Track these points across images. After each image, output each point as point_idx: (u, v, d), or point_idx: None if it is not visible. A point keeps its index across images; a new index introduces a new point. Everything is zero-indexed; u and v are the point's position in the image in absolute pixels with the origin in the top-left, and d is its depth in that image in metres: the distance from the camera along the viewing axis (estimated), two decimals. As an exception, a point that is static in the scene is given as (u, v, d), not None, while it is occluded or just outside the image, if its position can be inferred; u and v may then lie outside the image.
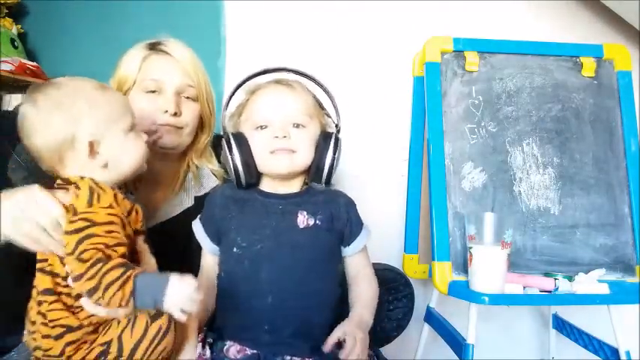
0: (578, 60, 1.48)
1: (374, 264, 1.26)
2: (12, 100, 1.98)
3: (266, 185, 0.99)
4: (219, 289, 0.95)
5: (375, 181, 1.76)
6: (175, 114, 1.08)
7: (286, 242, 0.92)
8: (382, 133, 1.76)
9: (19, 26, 2.28)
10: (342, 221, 0.98)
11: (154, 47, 1.11)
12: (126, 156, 0.85)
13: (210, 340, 0.90)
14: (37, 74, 2.10)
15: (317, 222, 0.94)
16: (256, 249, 0.91)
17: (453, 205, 1.36)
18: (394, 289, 1.24)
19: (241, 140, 0.95)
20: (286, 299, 0.89)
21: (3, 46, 2.09)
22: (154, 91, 1.08)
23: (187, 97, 1.11)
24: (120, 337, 0.77)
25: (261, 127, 0.94)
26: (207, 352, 0.88)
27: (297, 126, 0.94)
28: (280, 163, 0.93)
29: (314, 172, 0.97)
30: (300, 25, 1.74)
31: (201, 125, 1.17)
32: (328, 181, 0.98)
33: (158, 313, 0.78)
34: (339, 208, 0.98)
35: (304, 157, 0.95)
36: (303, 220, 0.94)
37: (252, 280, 0.90)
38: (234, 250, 0.93)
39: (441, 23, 1.70)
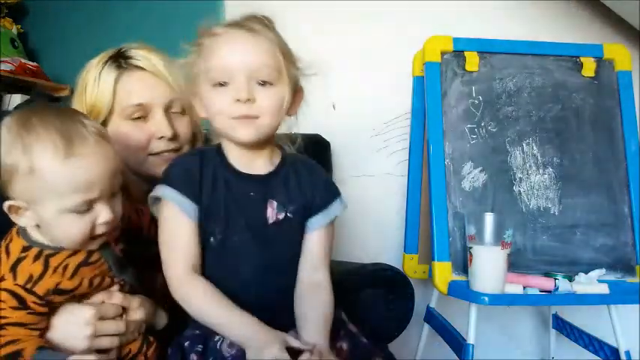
0: (578, 60, 1.48)
1: (374, 264, 1.27)
2: (12, 100, 1.97)
3: (234, 156, 0.86)
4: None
5: (375, 181, 1.76)
6: (172, 137, 0.99)
7: (259, 238, 0.84)
8: (382, 133, 1.76)
9: (19, 26, 2.28)
10: (310, 202, 0.88)
11: (118, 61, 0.98)
12: (56, 232, 0.73)
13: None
14: (37, 74, 2.11)
15: (288, 215, 0.86)
16: (232, 241, 0.83)
17: (452, 205, 1.36)
18: (394, 289, 1.24)
19: None
20: (268, 296, 0.84)
21: (3, 46, 2.09)
22: (139, 117, 0.97)
23: (175, 112, 1.01)
24: None
25: (220, 83, 0.81)
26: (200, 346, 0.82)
27: (264, 83, 0.81)
28: (243, 132, 0.81)
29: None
30: (300, 26, 1.73)
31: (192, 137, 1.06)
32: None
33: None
34: (311, 191, 0.88)
35: (269, 123, 0.82)
36: (272, 213, 0.85)
37: (232, 277, 0.83)
38: (211, 240, 0.83)
39: (441, 23, 1.70)
